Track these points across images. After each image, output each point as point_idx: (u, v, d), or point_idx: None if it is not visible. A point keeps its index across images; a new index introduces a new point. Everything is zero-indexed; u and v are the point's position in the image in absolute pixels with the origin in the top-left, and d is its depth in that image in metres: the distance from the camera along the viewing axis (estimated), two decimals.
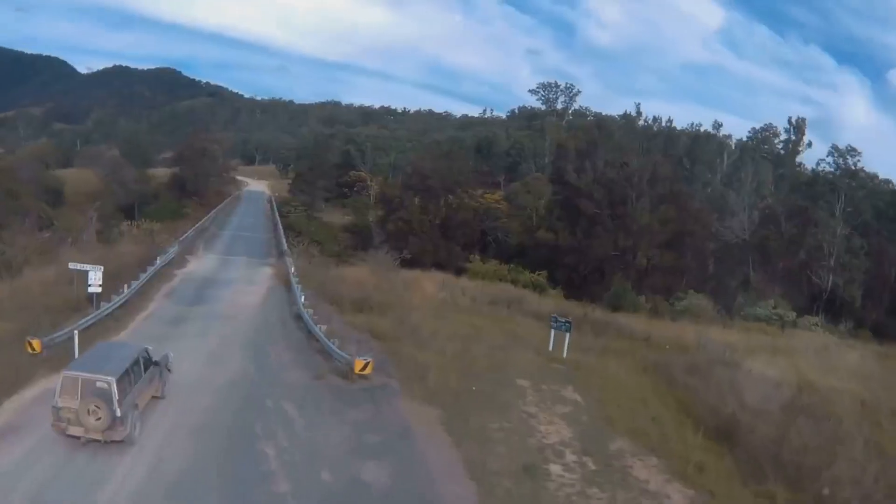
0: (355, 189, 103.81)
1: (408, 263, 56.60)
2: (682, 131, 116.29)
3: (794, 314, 54.33)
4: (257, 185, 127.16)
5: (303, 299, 31.16)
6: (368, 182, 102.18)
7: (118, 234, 50.81)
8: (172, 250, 41.89)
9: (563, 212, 67.38)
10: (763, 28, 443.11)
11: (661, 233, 65.09)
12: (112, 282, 29.25)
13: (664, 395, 25.21)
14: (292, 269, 38.71)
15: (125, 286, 29.19)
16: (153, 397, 17.97)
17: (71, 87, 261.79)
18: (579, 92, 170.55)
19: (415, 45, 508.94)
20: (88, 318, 24.36)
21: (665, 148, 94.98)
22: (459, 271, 59.64)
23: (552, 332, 29.57)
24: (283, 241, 56.78)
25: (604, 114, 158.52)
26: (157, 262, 36.70)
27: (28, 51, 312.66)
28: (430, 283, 44.60)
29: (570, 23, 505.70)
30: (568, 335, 28.91)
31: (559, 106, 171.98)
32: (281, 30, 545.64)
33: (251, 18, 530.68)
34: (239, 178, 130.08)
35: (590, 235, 63.86)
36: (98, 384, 15.11)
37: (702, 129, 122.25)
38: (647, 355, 31.38)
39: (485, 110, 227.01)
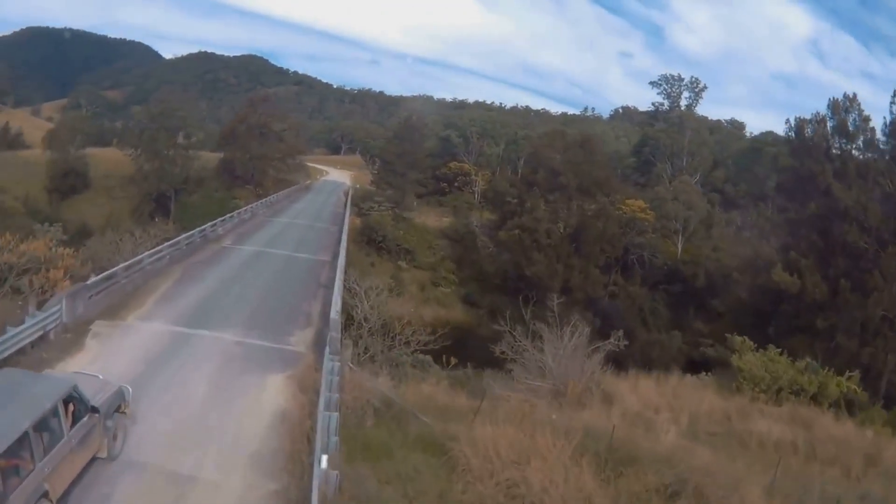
0: (456, 184, 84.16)
1: (614, 360, 25.96)
2: None
3: None
4: (339, 176, 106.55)
5: None
6: (473, 176, 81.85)
7: None
8: (21, 329, 15.32)
9: (808, 243, 40.63)
10: (850, 39, 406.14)
11: None
12: None
13: None
14: (319, 467, 10.89)
15: None
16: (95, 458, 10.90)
17: (153, 72, 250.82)
18: (705, 87, 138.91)
19: (507, 44, 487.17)
20: None
21: None
22: (709, 364, 35.64)
23: None
24: (339, 287, 24.29)
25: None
26: None
27: (112, 35, 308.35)
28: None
29: (660, 26, 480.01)
30: None
31: (682, 103, 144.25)
32: (372, 24, 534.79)
33: (343, 12, 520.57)
34: (318, 166, 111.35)
35: (858, 284, 38.32)
36: None
37: None
38: None
39: (585, 109, 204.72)
